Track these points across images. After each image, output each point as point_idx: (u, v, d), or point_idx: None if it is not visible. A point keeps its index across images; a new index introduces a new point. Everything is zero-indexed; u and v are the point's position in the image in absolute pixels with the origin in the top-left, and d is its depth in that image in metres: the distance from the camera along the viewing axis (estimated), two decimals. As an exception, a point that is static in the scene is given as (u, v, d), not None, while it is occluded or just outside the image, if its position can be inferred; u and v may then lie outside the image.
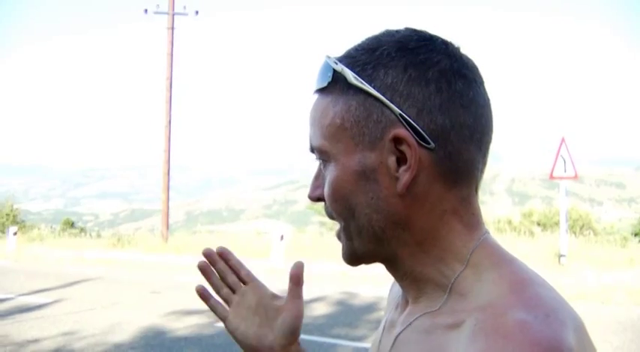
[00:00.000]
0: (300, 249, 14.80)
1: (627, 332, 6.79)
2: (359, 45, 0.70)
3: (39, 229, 26.14)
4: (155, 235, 22.37)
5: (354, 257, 0.73)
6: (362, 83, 0.67)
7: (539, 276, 0.66)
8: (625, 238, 16.35)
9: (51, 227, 27.77)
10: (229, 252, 0.91)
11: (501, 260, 0.67)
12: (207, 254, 0.90)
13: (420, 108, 0.65)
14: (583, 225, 20.71)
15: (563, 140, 11.20)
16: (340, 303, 8.73)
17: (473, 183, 0.69)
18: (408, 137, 0.65)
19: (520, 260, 0.68)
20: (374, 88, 0.66)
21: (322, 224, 23.76)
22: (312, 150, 0.73)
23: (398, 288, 0.85)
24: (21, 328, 7.14)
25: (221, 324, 4.06)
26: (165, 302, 8.88)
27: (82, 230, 28.10)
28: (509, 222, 20.85)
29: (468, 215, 0.69)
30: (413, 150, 0.65)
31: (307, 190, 0.75)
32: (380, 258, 0.72)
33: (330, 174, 0.70)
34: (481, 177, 0.71)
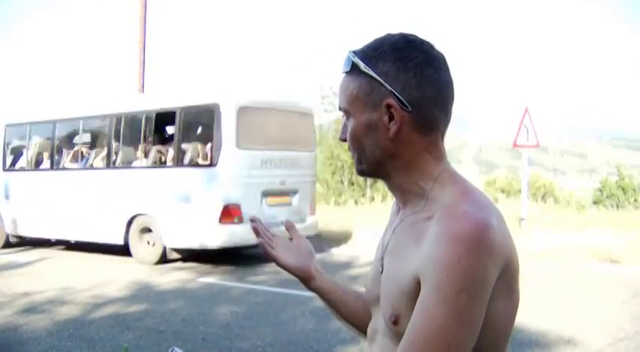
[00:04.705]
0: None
1: (578, 285, 7.43)
2: (370, 43, 1.13)
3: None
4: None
5: (362, 173, 1.16)
6: (368, 70, 1.09)
7: (479, 190, 1.09)
8: (583, 205, 17.18)
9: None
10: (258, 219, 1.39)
11: (457, 179, 1.10)
12: (252, 219, 1.39)
13: (403, 87, 1.07)
14: (545, 193, 21.56)
15: (526, 110, 11.76)
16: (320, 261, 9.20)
17: (438, 133, 1.12)
18: (395, 104, 1.07)
19: (467, 179, 1.11)
20: (375, 74, 1.08)
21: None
22: (340, 109, 1.15)
23: (396, 204, 1.29)
24: (9, 283, 7.45)
25: (203, 279, 4.86)
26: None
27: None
28: (475, 189, 21.49)
29: (436, 151, 1.12)
30: (398, 112, 1.08)
31: None
32: (379, 176, 1.15)
33: (351, 125, 1.13)
34: (445, 129, 1.14)
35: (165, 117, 9.16)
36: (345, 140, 1.16)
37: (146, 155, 9.16)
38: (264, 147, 8.50)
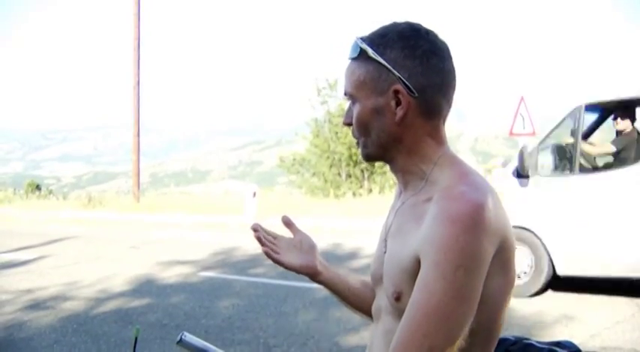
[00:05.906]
0: (271, 206, 15.23)
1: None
2: (376, 31, 1.17)
3: (5, 191, 26.05)
4: (126, 195, 22.54)
5: (368, 157, 1.20)
6: (377, 56, 1.13)
7: (476, 172, 1.14)
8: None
9: (14, 190, 27.62)
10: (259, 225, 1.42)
11: (455, 162, 1.15)
12: (253, 228, 1.41)
13: (410, 74, 1.12)
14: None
15: (522, 99, 11.77)
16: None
17: (440, 119, 1.17)
18: (402, 90, 1.12)
19: (465, 162, 1.16)
20: (383, 60, 1.12)
21: (291, 183, 24.14)
22: (346, 94, 1.19)
23: (398, 189, 1.34)
24: (12, 280, 7.48)
25: (204, 273, 4.97)
26: (146, 256, 9.29)
27: (51, 192, 28.02)
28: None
29: (438, 136, 1.17)
30: (405, 98, 1.12)
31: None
32: (384, 159, 1.20)
33: (357, 110, 1.17)
34: (447, 115, 1.18)
35: None
36: (349, 124, 1.20)
37: None
38: None
